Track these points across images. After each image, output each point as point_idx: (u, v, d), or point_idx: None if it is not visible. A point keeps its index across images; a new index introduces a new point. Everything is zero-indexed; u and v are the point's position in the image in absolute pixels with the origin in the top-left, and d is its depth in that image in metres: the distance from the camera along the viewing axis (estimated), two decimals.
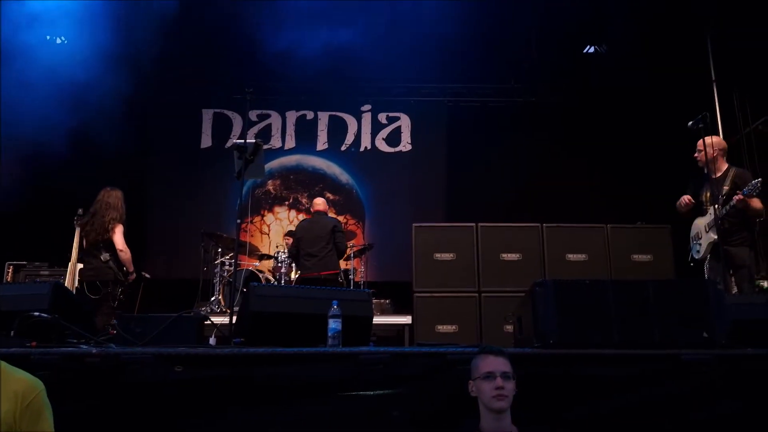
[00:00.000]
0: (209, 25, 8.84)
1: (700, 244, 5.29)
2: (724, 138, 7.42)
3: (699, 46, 8.11)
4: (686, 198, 5.32)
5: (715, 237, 5.03)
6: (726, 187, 5.14)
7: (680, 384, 3.18)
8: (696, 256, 5.35)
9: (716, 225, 4.96)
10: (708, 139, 5.18)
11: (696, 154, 5.35)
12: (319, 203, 7.31)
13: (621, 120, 9.19)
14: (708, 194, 5.22)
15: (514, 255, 6.68)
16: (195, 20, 8.64)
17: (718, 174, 5.26)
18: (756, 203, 4.94)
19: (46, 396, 2.20)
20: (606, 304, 3.33)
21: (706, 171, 5.35)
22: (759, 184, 4.83)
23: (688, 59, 8.25)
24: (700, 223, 5.30)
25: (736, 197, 4.90)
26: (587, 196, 8.85)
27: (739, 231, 5.06)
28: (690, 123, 5.10)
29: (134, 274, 6.04)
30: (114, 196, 6.06)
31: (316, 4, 8.36)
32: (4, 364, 2.21)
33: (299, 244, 6.98)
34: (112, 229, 5.87)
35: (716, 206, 4.97)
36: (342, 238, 6.99)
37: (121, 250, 5.87)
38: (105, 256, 5.85)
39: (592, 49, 9.79)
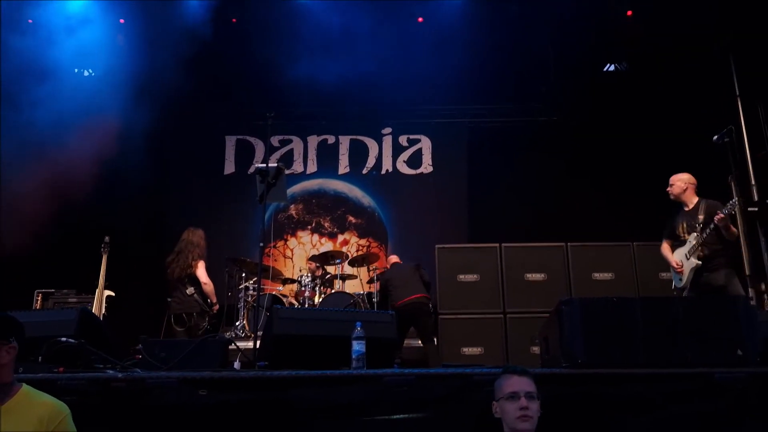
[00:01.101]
0: (230, 52, 9.00)
1: (681, 278, 5.31)
2: (752, 152, 7.33)
3: (722, 60, 8.03)
4: (673, 261, 5.39)
5: (698, 262, 5.14)
6: (701, 216, 5.25)
7: (712, 403, 3.09)
8: (678, 285, 5.36)
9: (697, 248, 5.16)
10: (680, 175, 5.49)
11: (668, 188, 5.53)
12: (392, 258, 7.82)
13: (644, 137, 9.10)
14: (684, 225, 5.37)
15: (538, 275, 6.63)
16: (216, 48, 8.81)
17: (691, 206, 5.40)
18: (732, 228, 5.09)
19: (71, 420, 2.20)
20: (634, 322, 3.27)
21: (680, 205, 5.50)
22: (736, 202, 4.98)
23: (710, 74, 8.17)
24: (680, 253, 5.35)
25: (717, 216, 4.96)
26: (612, 215, 8.74)
27: (716, 256, 5.14)
28: (715, 137, 5.06)
29: (217, 305, 6.49)
30: (197, 235, 6.52)
31: (336, 29, 8.46)
32: (29, 388, 2.23)
33: (387, 284, 7.16)
34: (195, 265, 6.32)
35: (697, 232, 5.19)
36: (425, 273, 7.19)
37: (204, 283, 6.33)
38: (190, 290, 6.29)
39: (612, 67, 9.75)
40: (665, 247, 5.56)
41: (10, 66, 7.43)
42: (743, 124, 7.72)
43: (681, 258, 5.32)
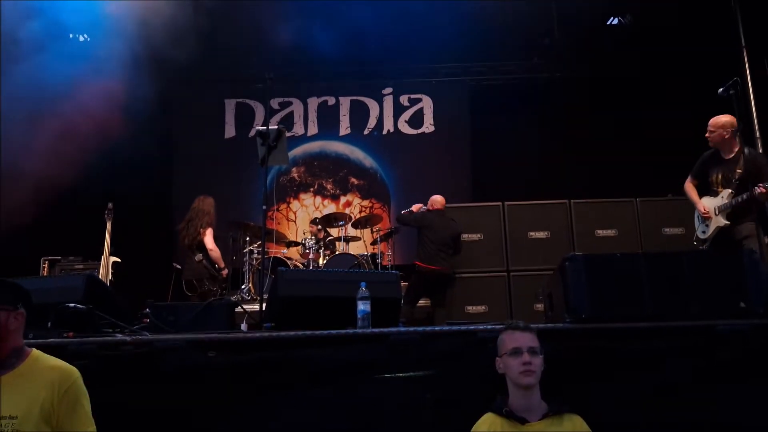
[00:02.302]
0: (228, 15, 8.84)
1: (707, 225, 5.09)
2: (756, 105, 7.20)
3: (727, 11, 7.87)
4: (701, 206, 5.13)
5: (726, 222, 4.92)
6: (739, 170, 4.95)
7: (715, 356, 3.12)
8: (701, 236, 5.15)
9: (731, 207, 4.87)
10: (720, 119, 5.07)
11: (707, 134, 5.17)
12: (438, 200, 7.19)
13: (647, 91, 8.99)
14: (719, 176, 5.07)
15: (542, 233, 6.64)
16: (214, 11, 8.64)
17: (731, 155, 5.08)
18: None
19: (82, 383, 2.23)
20: (638, 277, 3.28)
21: (719, 151, 5.17)
22: None
23: (716, 26, 8.01)
24: (710, 205, 5.09)
25: (759, 189, 4.66)
26: (615, 171, 8.69)
27: (745, 214, 4.87)
28: (720, 90, 4.95)
29: (226, 270, 6.66)
30: (207, 203, 6.67)
31: None
32: (38, 352, 2.25)
33: (421, 231, 6.91)
34: (203, 233, 6.47)
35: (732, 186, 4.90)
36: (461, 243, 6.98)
37: (211, 249, 6.46)
38: (198, 256, 6.46)
39: (615, 21, 9.56)
40: (690, 186, 5.27)
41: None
42: (749, 77, 7.62)
43: (711, 208, 5.08)
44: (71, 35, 8.96)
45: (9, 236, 7.46)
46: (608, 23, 9.58)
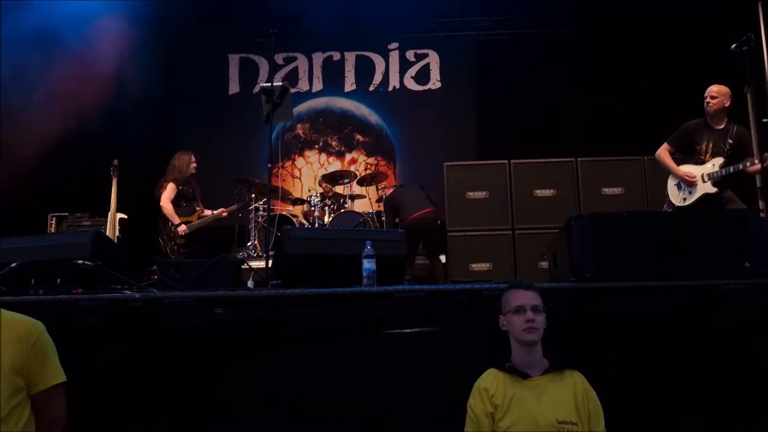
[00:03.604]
0: None
1: (690, 192, 5.10)
2: None
3: None
4: (682, 172, 5.14)
5: (715, 189, 4.97)
6: (730, 141, 5.02)
7: (719, 315, 3.14)
8: (681, 203, 5.16)
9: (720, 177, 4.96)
10: (723, 87, 5.10)
11: (710, 100, 5.14)
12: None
13: (657, 45, 8.79)
14: (709, 144, 5.10)
15: (548, 191, 6.61)
16: None
17: (721, 126, 5.13)
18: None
19: (48, 335, 2.26)
20: (644, 236, 3.28)
21: (709, 120, 5.19)
22: None
23: None
24: (695, 172, 5.10)
25: (754, 166, 4.77)
26: (623, 128, 8.59)
27: (728, 184, 5.02)
28: (734, 46, 4.85)
29: (182, 226, 6.48)
30: (179, 158, 6.67)
31: None
32: (2, 311, 2.27)
33: (394, 202, 7.27)
34: (164, 186, 6.47)
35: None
36: (432, 193, 7.31)
37: (162, 206, 6.41)
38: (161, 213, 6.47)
39: None
40: (666, 153, 5.30)
41: None
42: (763, 32, 7.42)
43: (697, 174, 5.09)
44: None
45: (16, 193, 7.50)
46: None
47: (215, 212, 6.70)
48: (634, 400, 3.05)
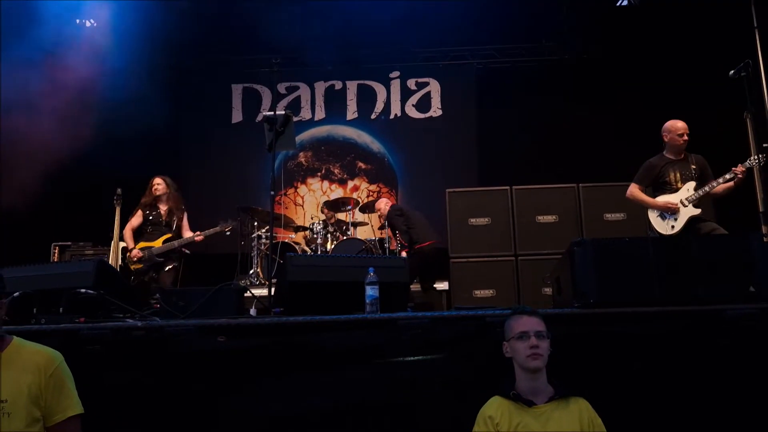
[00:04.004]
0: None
1: (676, 219, 5.23)
2: None
3: None
4: (662, 203, 5.31)
5: (697, 210, 5.13)
6: (693, 167, 5.29)
7: (723, 340, 3.12)
8: (670, 232, 5.25)
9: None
10: (683, 123, 5.37)
11: (686, 138, 5.35)
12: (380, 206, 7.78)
13: (657, 73, 8.88)
14: (677, 174, 5.33)
15: (550, 217, 6.61)
16: None
17: (681, 156, 5.39)
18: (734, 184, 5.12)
19: (66, 365, 2.26)
20: (647, 261, 3.27)
21: (669, 154, 5.43)
22: (755, 160, 5.05)
23: (726, 6, 7.88)
24: (674, 199, 5.26)
25: (739, 167, 5.01)
26: (624, 154, 8.59)
27: (709, 207, 5.28)
28: (732, 72, 4.93)
29: (134, 251, 6.31)
30: (151, 182, 6.57)
31: None
32: (20, 339, 2.28)
33: (407, 221, 7.30)
34: (133, 212, 6.50)
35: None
36: None
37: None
38: None
39: (625, 2, 9.43)
40: (638, 191, 5.48)
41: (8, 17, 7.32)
42: (761, 58, 7.50)
43: (676, 201, 5.25)
44: (78, 20, 8.95)
45: (20, 222, 7.52)
46: (618, 4, 9.46)
47: (189, 236, 6.48)
48: (640, 426, 3.02)
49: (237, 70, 10.18)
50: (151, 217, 6.42)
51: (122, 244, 6.74)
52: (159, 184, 6.48)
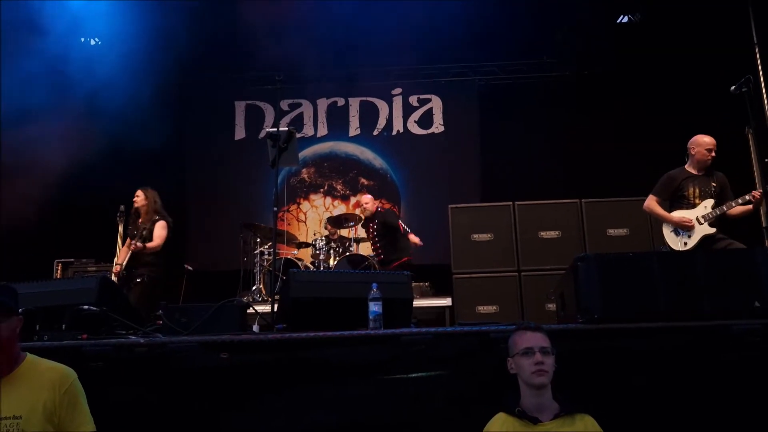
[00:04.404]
0: (237, 17, 8.88)
1: (689, 236, 5.16)
2: None
3: (739, 9, 7.80)
4: (678, 218, 5.22)
5: (712, 229, 5.05)
6: (714, 184, 5.20)
7: (729, 355, 3.10)
8: (682, 248, 5.20)
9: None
10: (712, 139, 5.25)
11: (712, 153, 5.25)
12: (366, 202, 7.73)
13: (658, 89, 8.93)
14: (696, 189, 5.24)
15: (552, 232, 6.60)
16: (221, 13, 8.70)
17: (702, 171, 5.29)
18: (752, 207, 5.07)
19: (79, 383, 2.28)
20: (651, 276, 3.26)
21: (691, 168, 5.33)
22: None
23: (727, 22, 7.94)
24: (690, 215, 5.19)
25: (755, 192, 4.94)
26: (627, 169, 8.64)
27: (722, 228, 5.16)
28: (733, 87, 4.94)
29: (115, 267, 6.19)
30: None
31: None
32: (33, 356, 2.31)
33: (398, 230, 7.43)
34: None
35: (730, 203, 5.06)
36: None
37: None
38: None
39: (625, 19, 9.51)
40: (655, 204, 5.40)
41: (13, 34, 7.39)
42: (761, 74, 7.54)
43: (692, 218, 5.17)
44: (83, 39, 9.04)
45: (23, 238, 7.54)
46: (618, 21, 9.54)
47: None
48: None
49: (240, 88, 10.26)
50: (129, 230, 6.32)
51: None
52: (138, 196, 6.38)
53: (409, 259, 6.99)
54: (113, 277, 6.07)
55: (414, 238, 7.52)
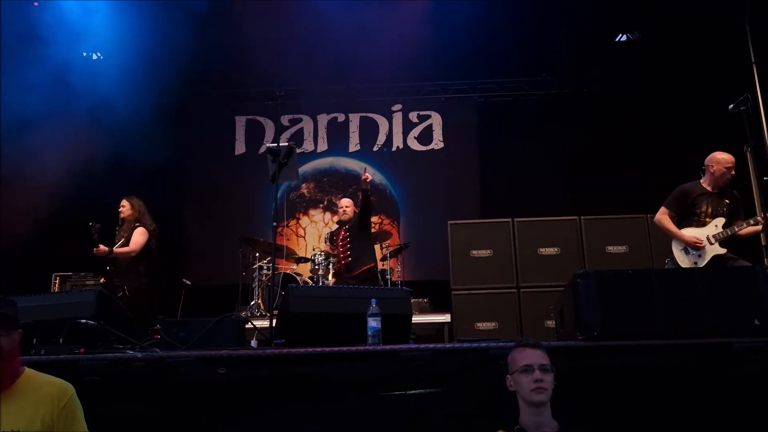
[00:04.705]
0: (237, 33, 8.95)
1: (700, 255, 5.11)
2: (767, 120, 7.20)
3: (737, 27, 7.87)
4: (689, 237, 5.14)
5: (723, 250, 5.00)
6: (727, 201, 5.15)
7: (730, 373, 3.08)
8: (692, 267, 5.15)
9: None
10: (731, 156, 5.18)
11: (732, 172, 5.19)
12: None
13: (657, 107, 8.98)
14: (709, 208, 5.17)
15: (552, 249, 6.60)
16: (224, 29, 8.77)
17: (717, 189, 5.21)
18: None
19: (77, 398, 2.28)
20: (651, 293, 3.26)
21: (707, 185, 5.25)
22: None
23: (725, 41, 8.01)
24: (700, 234, 5.13)
25: (760, 216, 4.91)
26: (625, 187, 8.66)
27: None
28: (731, 106, 4.96)
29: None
30: None
31: (343, 5, 8.35)
32: (31, 370, 2.31)
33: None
34: None
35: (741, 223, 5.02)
36: None
37: None
38: None
39: (624, 38, 9.59)
40: (667, 219, 5.30)
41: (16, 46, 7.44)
42: (759, 92, 7.58)
43: (703, 237, 5.11)
44: (85, 53, 9.10)
45: (21, 252, 7.52)
46: (617, 40, 9.61)
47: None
48: None
49: (241, 103, 10.31)
50: (115, 240, 6.15)
51: None
52: (123, 206, 6.25)
53: (374, 265, 6.72)
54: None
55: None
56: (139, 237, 6.02)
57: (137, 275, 5.99)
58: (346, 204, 7.22)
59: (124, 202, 6.27)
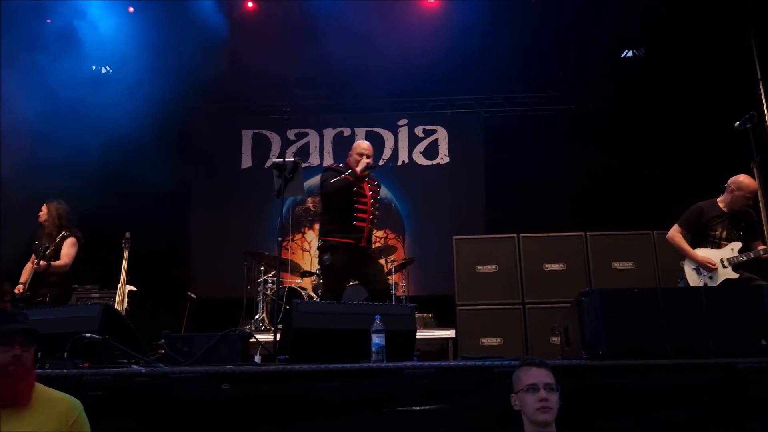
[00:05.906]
0: (245, 47, 9.03)
1: (711, 278, 5.04)
2: None
3: (743, 44, 7.89)
4: (702, 258, 5.06)
5: (737, 274, 4.94)
6: (743, 225, 5.08)
7: (736, 393, 3.06)
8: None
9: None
10: (753, 182, 5.11)
11: (750, 201, 5.13)
12: None
13: (663, 123, 8.98)
14: (725, 230, 5.07)
15: (558, 265, 6.58)
16: (231, 43, 8.85)
17: (733, 211, 5.11)
18: None
19: (85, 414, 2.29)
20: (656, 312, 3.24)
21: (724, 206, 5.16)
22: None
23: (731, 58, 8.02)
24: (714, 256, 5.05)
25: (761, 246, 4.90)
26: (632, 203, 8.64)
27: (748, 267, 5.03)
28: (737, 123, 4.96)
29: (18, 287, 5.64)
30: None
31: (350, 20, 8.42)
32: (39, 385, 2.30)
33: None
34: None
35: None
36: None
37: None
38: None
39: (629, 54, 9.62)
40: (680, 237, 5.19)
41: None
42: (765, 109, 7.58)
43: (716, 260, 5.03)
44: (94, 67, 9.19)
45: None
46: (623, 56, 9.64)
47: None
48: None
49: (247, 117, 10.36)
50: (34, 245, 5.76)
51: (129, 288, 6.72)
52: (41, 212, 5.81)
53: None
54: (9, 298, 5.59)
55: None
56: (70, 249, 5.71)
57: (59, 286, 5.72)
58: (367, 147, 5.79)
59: (43, 207, 5.83)
